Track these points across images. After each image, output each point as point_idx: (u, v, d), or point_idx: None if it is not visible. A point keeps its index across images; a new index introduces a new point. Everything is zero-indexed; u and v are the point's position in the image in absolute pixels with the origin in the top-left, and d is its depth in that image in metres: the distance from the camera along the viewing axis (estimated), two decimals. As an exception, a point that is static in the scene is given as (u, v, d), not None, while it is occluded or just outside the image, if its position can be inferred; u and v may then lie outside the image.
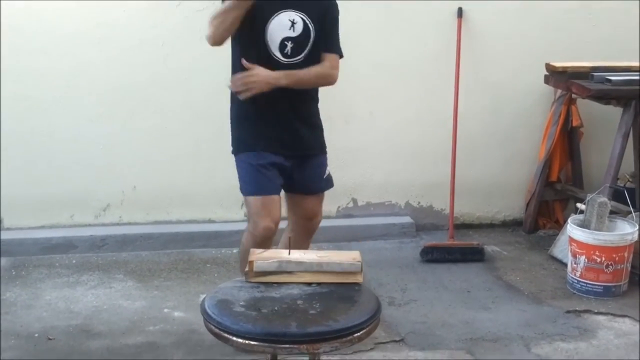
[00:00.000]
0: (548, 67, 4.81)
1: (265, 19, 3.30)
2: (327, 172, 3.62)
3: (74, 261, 4.60)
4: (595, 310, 4.03)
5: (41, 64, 4.60)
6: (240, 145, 3.50)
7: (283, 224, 3.61)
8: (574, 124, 4.96)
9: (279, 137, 3.43)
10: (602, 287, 4.17)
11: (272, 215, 3.39)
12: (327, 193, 3.70)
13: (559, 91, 4.93)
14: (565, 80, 4.68)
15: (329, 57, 3.44)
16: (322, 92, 3.86)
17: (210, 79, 4.70)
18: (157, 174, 4.85)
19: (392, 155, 5.05)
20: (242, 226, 4.79)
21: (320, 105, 3.71)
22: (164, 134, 4.80)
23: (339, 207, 5.06)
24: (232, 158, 3.55)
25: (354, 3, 4.76)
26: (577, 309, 4.05)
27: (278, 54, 3.35)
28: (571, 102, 4.94)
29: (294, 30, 3.32)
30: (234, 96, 3.46)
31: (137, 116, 4.76)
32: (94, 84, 4.68)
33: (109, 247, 4.73)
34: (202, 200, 4.89)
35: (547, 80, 4.87)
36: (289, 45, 3.34)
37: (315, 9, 3.38)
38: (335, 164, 4.85)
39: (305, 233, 3.65)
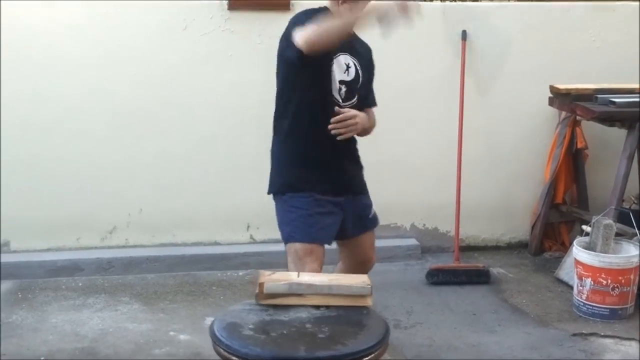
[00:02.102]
0: (552, 89, 4.83)
1: (330, 59, 3.17)
2: (373, 212, 3.53)
3: (80, 284, 4.60)
4: (602, 333, 4.02)
5: (48, 87, 4.63)
6: (286, 185, 3.29)
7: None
8: (579, 145, 4.96)
9: (334, 178, 3.30)
10: (608, 310, 4.16)
11: (319, 261, 3.19)
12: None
13: (564, 113, 4.94)
14: (570, 103, 4.69)
15: (371, 110, 3.44)
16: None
17: (216, 102, 4.73)
18: (163, 197, 4.86)
19: (397, 177, 5.05)
20: (248, 249, 4.88)
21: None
22: (170, 157, 4.82)
23: (344, 229, 5.05)
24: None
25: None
26: (583, 332, 4.04)
27: (337, 97, 3.23)
28: (576, 124, 4.95)
29: (348, 74, 3.23)
30: (287, 133, 3.28)
31: (143, 139, 4.78)
32: (100, 107, 4.70)
33: (115, 270, 4.73)
34: (207, 223, 4.89)
35: (551, 102, 4.88)
36: (343, 88, 3.23)
37: (364, 56, 3.34)
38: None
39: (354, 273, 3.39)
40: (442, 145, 4.99)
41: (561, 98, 4.78)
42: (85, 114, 4.70)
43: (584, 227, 4.46)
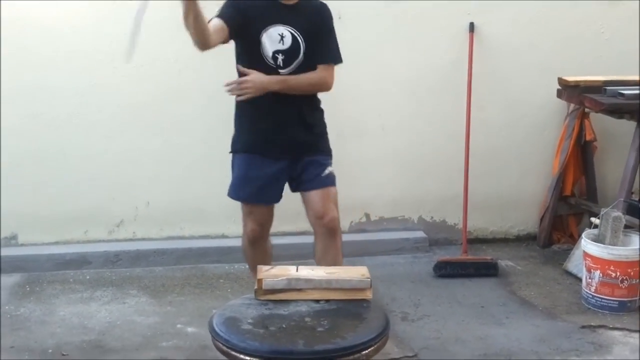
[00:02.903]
0: (561, 81, 4.80)
1: (259, 29, 3.53)
2: (327, 171, 3.71)
3: (87, 277, 4.62)
4: (611, 326, 4.00)
5: (54, 81, 4.64)
6: (235, 145, 3.75)
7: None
8: (588, 138, 4.93)
9: (274, 141, 3.64)
10: (617, 302, 4.14)
11: (257, 220, 3.74)
12: (340, 207, 3.70)
13: (572, 105, 4.91)
14: (578, 95, 4.66)
15: (323, 67, 3.64)
16: (334, 107, 3.89)
17: (223, 94, 4.69)
18: (171, 190, 4.87)
19: (405, 169, 5.05)
20: (255, 241, 4.87)
21: (332, 120, 3.74)
22: (177, 150, 4.82)
23: (351, 222, 5.05)
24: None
25: (366, 18, 4.79)
26: (592, 324, 4.02)
27: (273, 64, 3.58)
28: (584, 116, 4.92)
29: (283, 44, 3.55)
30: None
31: (150, 132, 4.79)
32: (107, 101, 4.71)
33: (123, 263, 4.74)
34: (215, 216, 4.89)
35: (559, 94, 4.85)
36: (280, 57, 3.56)
37: (304, 23, 3.58)
38: (347, 179, 4.85)
39: (322, 236, 3.68)
40: (449, 138, 4.98)
41: (570, 90, 4.75)
42: (92, 108, 4.71)
43: (592, 219, 4.43)
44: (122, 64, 4.65)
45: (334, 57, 3.69)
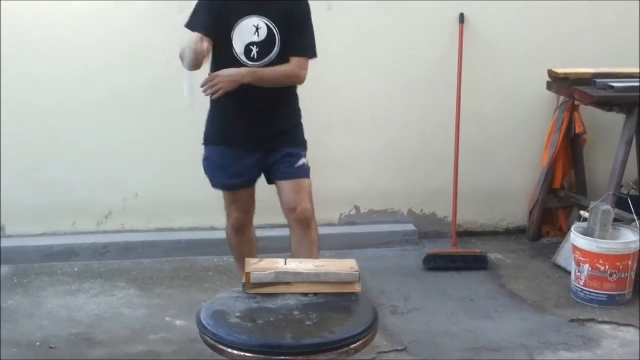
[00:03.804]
0: (550, 73, 4.79)
1: (230, 25, 3.49)
2: (300, 162, 3.69)
3: (75, 269, 4.60)
4: (599, 319, 4.01)
5: (42, 70, 4.61)
6: (208, 138, 3.76)
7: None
8: (577, 130, 4.93)
9: (246, 132, 3.62)
10: (606, 296, 4.15)
11: (241, 208, 3.78)
12: (329, 200, 3.70)
13: (562, 97, 4.90)
14: (568, 87, 4.65)
15: (296, 59, 3.56)
16: (323, 98, 3.87)
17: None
18: (159, 181, 4.85)
19: (394, 161, 5.04)
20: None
21: (321, 111, 3.72)
22: (166, 141, 4.80)
23: (341, 214, 5.04)
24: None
25: (355, 8, 4.76)
26: (580, 317, 4.03)
27: (244, 58, 3.52)
28: (574, 108, 4.91)
29: (258, 35, 3.50)
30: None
31: (138, 122, 4.76)
32: (95, 90, 4.68)
33: (111, 255, 4.72)
34: (204, 208, 4.85)
35: (549, 86, 4.85)
36: (254, 49, 3.51)
37: (280, 14, 3.52)
38: (336, 171, 4.87)
39: (296, 228, 3.68)
40: (439, 130, 4.97)
41: (559, 82, 4.74)
42: (80, 97, 4.68)
43: (581, 212, 4.43)
44: (110, 54, 4.64)
45: (308, 51, 3.62)
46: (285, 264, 2.65)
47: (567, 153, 5.05)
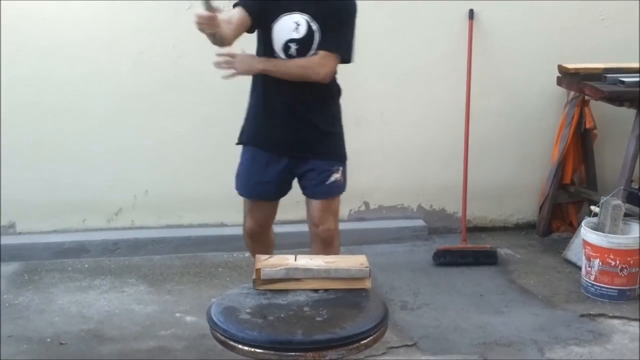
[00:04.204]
0: (560, 68, 4.78)
1: (271, 20, 3.39)
2: (332, 179, 3.54)
3: (86, 265, 4.61)
4: (610, 314, 4.00)
5: (51, 70, 4.63)
6: (242, 136, 3.64)
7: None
8: (587, 125, 4.92)
9: (274, 134, 3.50)
10: (616, 291, 4.14)
11: (256, 219, 3.64)
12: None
13: (572, 93, 4.89)
14: (578, 82, 4.64)
15: (321, 53, 3.39)
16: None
17: (221, 82, 4.66)
18: (169, 178, 4.86)
19: (404, 157, 5.03)
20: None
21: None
22: (176, 138, 4.81)
23: (350, 210, 5.04)
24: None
25: (365, 5, 4.73)
26: (591, 312, 4.02)
27: (282, 55, 3.41)
28: (584, 103, 4.90)
29: (298, 32, 3.38)
30: (251, 89, 3.59)
31: (148, 120, 4.77)
32: (105, 89, 4.70)
33: (121, 252, 4.74)
34: (213, 204, 4.88)
35: (559, 82, 4.84)
36: (293, 46, 3.39)
37: (323, 12, 3.38)
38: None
39: (317, 243, 3.59)
40: (449, 126, 4.96)
41: (569, 77, 4.73)
42: (90, 96, 4.69)
43: (592, 207, 4.43)
44: (118, 52, 4.65)
45: (339, 48, 3.42)
46: (295, 260, 2.64)
47: (578, 148, 5.04)
